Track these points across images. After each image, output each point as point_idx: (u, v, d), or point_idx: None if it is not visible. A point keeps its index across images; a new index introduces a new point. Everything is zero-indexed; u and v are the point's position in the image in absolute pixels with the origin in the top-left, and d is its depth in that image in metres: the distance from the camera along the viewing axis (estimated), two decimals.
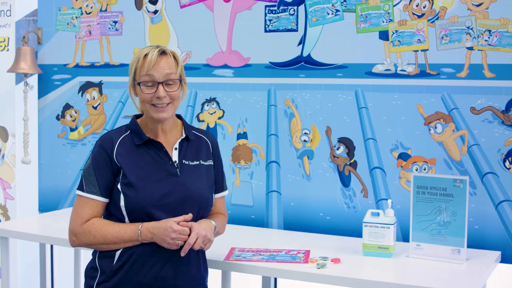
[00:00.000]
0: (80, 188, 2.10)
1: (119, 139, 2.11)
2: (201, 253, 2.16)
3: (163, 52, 2.10)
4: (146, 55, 2.08)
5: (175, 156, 2.13)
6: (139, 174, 2.07)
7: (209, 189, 2.18)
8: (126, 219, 2.08)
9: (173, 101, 2.11)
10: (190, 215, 2.04)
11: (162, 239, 2.00)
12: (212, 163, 2.22)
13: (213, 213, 2.26)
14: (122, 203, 2.06)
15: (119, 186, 2.07)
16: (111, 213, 2.12)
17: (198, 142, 2.21)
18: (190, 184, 2.11)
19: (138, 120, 2.17)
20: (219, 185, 2.27)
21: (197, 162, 2.17)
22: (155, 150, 2.12)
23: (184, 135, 2.18)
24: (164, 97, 2.07)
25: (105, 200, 2.10)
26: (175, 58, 2.12)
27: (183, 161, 2.14)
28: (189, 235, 2.01)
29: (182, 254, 2.02)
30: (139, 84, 2.08)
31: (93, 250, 2.14)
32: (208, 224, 2.11)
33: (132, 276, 2.05)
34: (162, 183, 2.08)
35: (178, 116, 2.23)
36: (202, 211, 2.14)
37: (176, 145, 2.15)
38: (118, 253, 2.06)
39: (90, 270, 2.13)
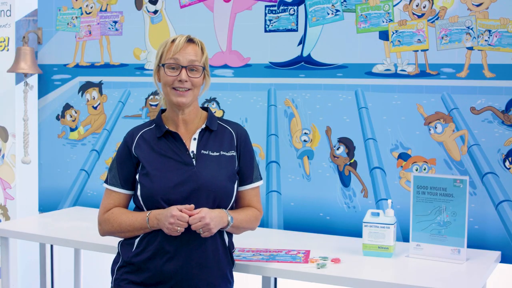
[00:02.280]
0: (105, 181, 2.23)
1: (140, 132, 2.21)
2: (221, 246, 2.16)
3: (191, 40, 2.17)
4: (174, 40, 2.16)
5: (193, 146, 2.16)
6: (155, 164, 2.14)
7: (229, 179, 2.17)
8: (144, 208, 2.15)
9: (194, 88, 2.16)
10: (192, 206, 2.06)
11: (163, 224, 2.04)
12: (234, 154, 2.21)
13: (243, 206, 2.25)
14: (139, 192, 2.14)
15: (137, 177, 2.15)
16: (135, 203, 2.21)
17: (222, 133, 2.22)
18: (205, 173, 2.12)
19: (163, 114, 2.24)
20: (246, 176, 2.24)
21: (217, 153, 2.18)
22: (173, 140, 2.17)
23: (204, 126, 2.20)
24: (185, 81, 2.13)
25: (127, 192, 2.20)
26: (201, 47, 2.19)
27: (202, 151, 2.16)
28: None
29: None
30: (163, 65, 2.14)
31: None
32: (220, 214, 2.10)
33: (150, 265, 2.10)
34: (176, 173, 2.11)
35: (205, 109, 2.27)
36: (218, 201, 2.14)
37: (196, 136, 2.18)
38: (137, 240, 2.14)
39: (115, 256, 2.23)
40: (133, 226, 2.11)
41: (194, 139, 2.17)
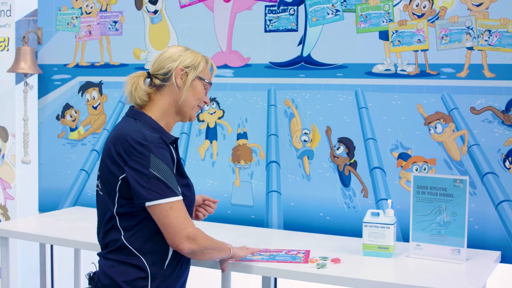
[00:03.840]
0: (172, 194, 1.96)
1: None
2: None
3: None
4: (211, 64, 2.19)
5: None
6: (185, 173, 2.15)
7: None
8: None
9: None
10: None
11: (243, 255, 2.27)
12: None
13: None
14: None
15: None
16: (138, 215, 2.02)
17: None
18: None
19: (153, 120, 2.11)
20: None
21: None
22: (174, 147, 2.12)
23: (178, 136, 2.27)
24: (207, 104, 2.22)
25: None
26: None
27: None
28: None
29: None
30: (206, 81, 2.15)
31: (113, 258, 2.08)
32: None
33: (180, 272, 2.14)
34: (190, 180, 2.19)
35: None
36: None
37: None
38: (169, 258, 2.06)
39: (137, 281, 2.02)
40: (220, 246, 2.14)
41: None
